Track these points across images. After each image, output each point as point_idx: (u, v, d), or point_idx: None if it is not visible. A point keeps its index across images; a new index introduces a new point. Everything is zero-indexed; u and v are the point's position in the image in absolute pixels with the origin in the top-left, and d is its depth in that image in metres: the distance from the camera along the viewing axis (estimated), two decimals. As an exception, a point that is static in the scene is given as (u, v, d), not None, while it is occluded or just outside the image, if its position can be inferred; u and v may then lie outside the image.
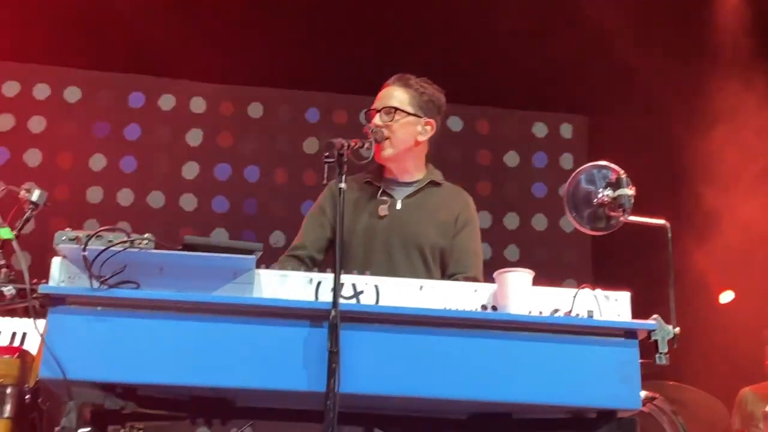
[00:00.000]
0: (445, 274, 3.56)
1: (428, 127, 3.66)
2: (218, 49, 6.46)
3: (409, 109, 3.59)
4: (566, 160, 7.38)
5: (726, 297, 6.64)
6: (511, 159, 7.34)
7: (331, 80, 6.78)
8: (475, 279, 3.55)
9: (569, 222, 7.11)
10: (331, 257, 3.46)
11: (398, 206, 3.57)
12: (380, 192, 3.58)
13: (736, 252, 5.89)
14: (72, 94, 6.82)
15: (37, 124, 6.70)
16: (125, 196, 6.72)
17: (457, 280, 3.49)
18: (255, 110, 7.06)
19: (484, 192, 7.16)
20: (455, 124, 7.22)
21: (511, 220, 7.19)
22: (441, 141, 3.74)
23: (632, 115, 6.57)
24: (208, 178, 6.88)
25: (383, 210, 3.54)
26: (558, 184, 7.29)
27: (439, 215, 3.60)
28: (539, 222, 7.25)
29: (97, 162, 6.74)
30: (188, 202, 6.80)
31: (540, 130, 7.45)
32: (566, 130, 7.48)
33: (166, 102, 6.94)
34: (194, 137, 6.93)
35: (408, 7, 6.22)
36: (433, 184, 3.67)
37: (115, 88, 6.89)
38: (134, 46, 6.43)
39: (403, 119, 3.57)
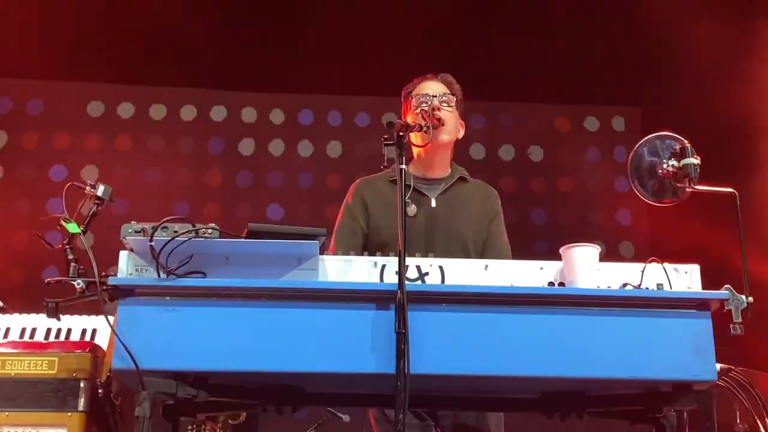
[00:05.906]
0: None
1: (461, 128, 3.68)
2: (269, 59, 6.53)
3: (459, 105, 3.62)
4: (620, 153, 7.27)
5: None
6: (564, 154, 7.25)
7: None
8: None
9: (625, 215, 7.04)
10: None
11: (433, 204, 3.54)
12: (411, 190, 3.48)
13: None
14: (125, 110, 6.92)
15: (92, 140, 6.82)
16: (182, 209, 6.77)
17: None
18: (306, 117, 7.10)
19: (538, 188, 7.10)
20: (505, 121, 7.16)
21: (566, 216, 7.10)
22: (492, 139, 3.70)
23: (685, 104, 6.46)
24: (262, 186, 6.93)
25: (411, 210, 3.47)
26: (611, 178, 7.19)
27: (472, 209, 3.58)
28: (595, 216, 7.15)
29: (153, 175, 6.82)
30: (243, 211, 6.83)
31: (591, 123, 7.37)
32: (618, 123, 7.38)
33: (218, 113, 7.01)
34: (246, 147, 6.99)
35: (456, 5, 6.20)
36: (462, 180, 3.65)
37: (167, 102, 6.98)
38: (184, 59, 6.51)
39: (455, 111, 3.59)
